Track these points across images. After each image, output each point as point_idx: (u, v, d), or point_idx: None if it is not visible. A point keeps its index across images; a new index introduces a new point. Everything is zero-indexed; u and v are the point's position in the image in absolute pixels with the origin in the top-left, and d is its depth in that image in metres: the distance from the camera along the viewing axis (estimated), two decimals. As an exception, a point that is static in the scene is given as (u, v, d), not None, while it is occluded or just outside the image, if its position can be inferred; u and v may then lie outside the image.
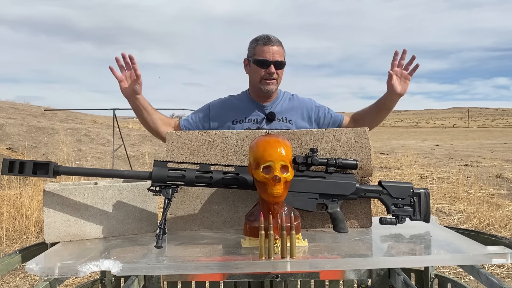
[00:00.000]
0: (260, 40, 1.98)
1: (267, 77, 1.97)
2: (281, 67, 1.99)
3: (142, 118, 1.97)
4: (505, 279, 3.61)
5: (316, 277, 1.66)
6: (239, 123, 2.04)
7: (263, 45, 1.96)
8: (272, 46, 1.96)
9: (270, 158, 1.20)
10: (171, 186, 1.33)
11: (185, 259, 1.21)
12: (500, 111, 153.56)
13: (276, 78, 1.99)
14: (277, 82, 2.01)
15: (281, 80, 2.05)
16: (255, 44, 1.99)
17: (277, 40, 1.99)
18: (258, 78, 1.99)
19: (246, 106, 2.07)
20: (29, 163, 1.32)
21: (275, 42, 1.97)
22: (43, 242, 1.45)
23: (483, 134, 33.56)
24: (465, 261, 1.25)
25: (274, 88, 2.01)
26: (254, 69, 2.00)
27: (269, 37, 1.97)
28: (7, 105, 17.53)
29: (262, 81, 1.98)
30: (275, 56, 1.95)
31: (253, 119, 2.04)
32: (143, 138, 14.10)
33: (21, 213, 5.05)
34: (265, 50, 1.95)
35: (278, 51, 1.97)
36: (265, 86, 1.99)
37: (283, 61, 1.99)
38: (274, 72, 1.96)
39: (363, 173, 1.56)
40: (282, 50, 2.00)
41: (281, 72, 2.02)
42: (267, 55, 1.95)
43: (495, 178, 8.94)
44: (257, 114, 2.05)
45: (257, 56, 1.97)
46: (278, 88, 2.11)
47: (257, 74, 1.99)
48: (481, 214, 5.54)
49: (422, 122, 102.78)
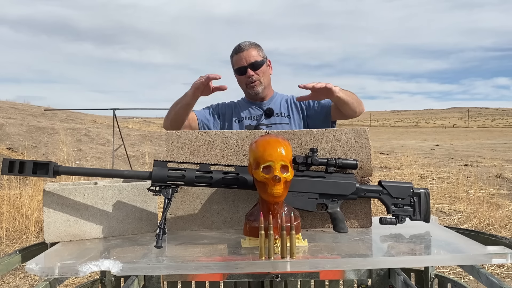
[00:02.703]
0: (233, 51, 2.08)
1: (248, 81, 2.06)
2: (258, 67, 2.04)
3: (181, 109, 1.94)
4: (505, 279, 3.61)
5: (316, 277, 1.66)
6: (239, 121, 2.13)
7: (236, 54, 2.06)
8: (242, 52, 2.04)
9: (270, 158, 1.20)
10: (171, 186, 1.33)
11: (185, 259, 1.21)
12: (500, 111, 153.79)
13: (257, 79, 2.06)
14: (261, 82, 2.07)
15: (267, 77, 2.11)
16: (231, 56, 2.10)
17: (248, 44, 2.06)
18: (243, 86, 2.11)
19: (245, 106, 2.17)
20: (29, 163, 1.33)
21: (245, 47, 2.04)
22: (43, 242, 1.45)
23: (483, 134, 33.54)
24: (465, 261, 1.25)
25: (260, 88, 2.08)
26: (238, 78, 2.12)
27: (239, 45, 2.06)
28: (7, 105, 17.53)
29: (248, 86, 2.08)
30: (249, 59, 2.03)
31: (253, 116, 2.13)
32: (143, 138, 14.10)
33: (21, 213, 5.05)
34: (238, 58, 2.05)
35: (251, 54, 2.03)
36: (251, 90, 2.08)
37: (258, 61, 2.04)
38: (252, 74, 2.04)
39: (363, 173, 1.56)
40: (255, 50, 2.05)
41: (261, 71, 2.07)
42: (241, 62, 2.04)
43: (495, 178, 8.93)
44: (256, 112, 2.14)
45: (234, 66, 2.09)
46: (274, 90, 2.18)
47: (241, 82, 2.11)
48: (481, 214, 5.54)
49: (422, 122, 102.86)
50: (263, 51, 2.09)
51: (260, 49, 2.08)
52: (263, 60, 2.07)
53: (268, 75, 2.13)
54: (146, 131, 16.90)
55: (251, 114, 2.14)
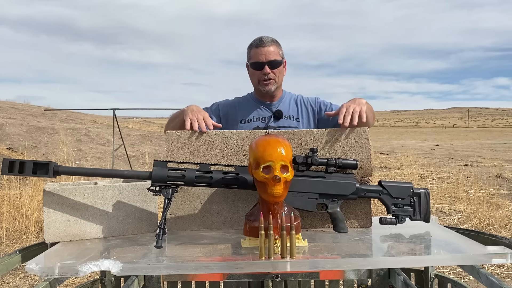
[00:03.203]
0: (253, 43, 2.01)
1: (264, 78, 2.00)
2: (276, 66, 1.99)
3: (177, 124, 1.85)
4: (505, 279, 3.61)
5: (316, 277, 1.66)
6: (247, 122, 2.07)
7: (256, 48, 1.99)
8: (264, 47, 1.98)
9: (270, 158, 1.20)
10: (171, 186, 1.33)
11: (185, 259, 1.21)
12: (500, 111, 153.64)
13: (273, 77, 2.00)
14: (275, 81, 2.01)
15: (281, 78, 2.06)
16: (249, 48, 2.03)
17: (270, 40, 2.00)
18: (256, 80, 2.03)
19: (253, 106, 2.10)
20: (29, 163, 1.33)
21: (267, 43, 1.98)
22: (43, 242, 1.45)
23: (483, 134, 33.56)
24: (465, 261, 1.25)
25: (273, 87, 2.02)
26: (251, 72, 2.04)
27: (261, 39, 1.99)
28: (7, 105, 17.53)
29: (260, 83, 2.01)
30: (269, 56, 1.97)
31: (261, 117, 2.07)
32: (143, 138, 14.10)
33: (21, 213, 5.05)
34: (258, 52, 1.98)
35: (272, 51, 1.98)
36: (263, 87, 2.01)
37: (277, 60, 1.99)
38: (269, 72, 1.98)
39: (363, 173, 1.56)
40: (276, 49, 2.00)
41: (278, 71, 2.02)
42: (260, 57, 1.98)
43: (495, 178, 8.94)
44: (264, 113, 2.08)
45: (252, 59, 2.01)
46: (283, 89, 2.13)
47: (254, 76, 2.03)
48: (481, 214, 5.54)
49: (422, 122, 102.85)
50: (282, 50, 2.04)
51: (280, 48, 2.03)
52: (282, 60, 2.02)
53: (282, 76, 2.07)
54: (146, 131, 16.90)
55: (259, 115, 2.07)
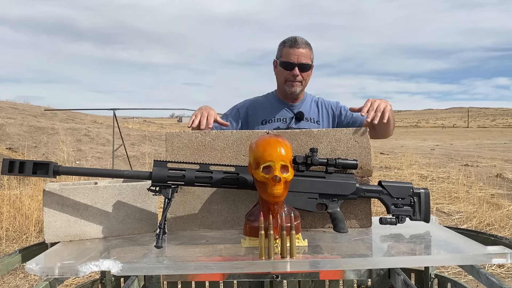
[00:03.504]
0: (287, 42, 1.99)
1: (291, 79, 1.99)
2: (306, 70, 1.99)
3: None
4: (505, 279, 3.61)
5: (316, 277, 1.66)
6: (268, 123, 2.06)
7: (289, 48, 1.97)
8: (298, 48, 1.96)
9: (270, 158, 1.20)
10: (171, 186, 1.33)
11: (185, 259, 1.21)
12: (500, 111, 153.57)
13: (300, 80, 1.99)
14: (301, 84, 2.01)
15: (307, 82, 2.05)
16: (282, 46, 2.01)
17: (305, 42, 1.98)
18: (283, 80, 2.02)
19: (274, 106, 2.09)
20: (29, 163, 1.32)
21: (301, 45, 1.96)
22: (43, 242, 1.45)
23: (483, 134, 33.56)
24: (465, 261, 1.25)
25: (298, 90, 2.01)
26: (279, 70, 2.03)
27: (296, 39, 1.98)
28: (7, 105, 17.54)
29: (287, 83, 2.01)
30: (300, 59, 1.96)
31: (282, 118, 2.06)
32: (143, 138, 14.11)
33: (21, 213, 5.05)
34: (290, 53, 1.97)
35: (304, 54, 1.97)
36: (289, 88, 2.01)
37: (309, 64, 1.99)
38: (298, 74, 1.97)
39: (363, 173, 1.56)
40: (309, 52, 1.99)
41: (307, 75, 2.01)
42: (292, 58, 1.96)
43: (495, 178, 8.94)
44: (286, 114, 2.07)
45: (283, 58, 1.99)
46: (305, 91, 2.12)
47: (282, 75, 2.02)
48: (481, 214, 5.54)
49: (422, 122, 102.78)
50: (313, 55, 2.03)
51: (312, 52, 2.02)
52: (311, 64, 2.02)
53: (308, 80, 2.06)
54: (146, 131, 16.91)
55: (280, 116, 2.06)
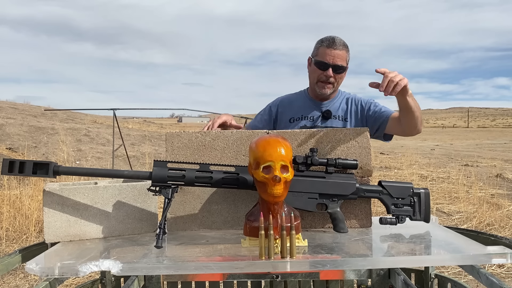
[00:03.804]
0: (324, 41, 1.96)
1: (324, 79, 1.97)
2: (340, 71, 1.96)
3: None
4: (505, 279, 3.61)
5: (316, 277, 1.66)
6: (295, 121, 2.06)
7: (326, 47, 1.94)
8: (335, 49, 1.93)
9: (270, 158, 1.20)
10: (171, 186, 1.33)
11: (185, 259, 1.20)
12: (500, 111, 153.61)
13: (332, 82, 1.97)
14: (333, 86, 1.99)
15: (339, 84, 2.03)
16: (319, 45, 1.98)
17: (343, 43, 1.95)
18: (315, 79, 2.00)
19: (303, 105, 2.09)
20: (29, 163, 1.32)
21: (339, 46, 1.94)
22: (43, 242, 1.45)
23: (483, 134, 33.56)
24: (465, 261, 1.25)
25: (329, 91, 1.99)
26: (313, 69, 2.00)
27: (334, 40, 1.95)
28: (7, 105, 17.54)
29: (318, 83, 1.99)
30: (336, 60, 1.93)
31: (309, 116, 2.06)
32: (143, 138, 14.11)
33: (21, 213, 5.05)
34: (326, 53, 1.94)
35: (340, 55, 1.94)
36: (320, 89, 1.99)
37: (343, 66, 1.96)
38: (331, 75, 1.95)
39: (363, 173, 1.56)
40: (345, 54, 1.96)
41: (340, 77, 1.99)
42: (327, 58, 1.93)
43: (495, 178, 8.94)
44: (314, 112, 2.06)
45: (318, 57, 1.97)
46: (339, 89, 2.09)
47: (315, 75, 2.00)
48: (481, 214, 5.54)
49: (422, 122, 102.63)
50: (349, 57, 2.00)
51: (349, 55, 1.99)
52: (346, 67, 1.99)
53: (341, 82, 2.04)
54: (146, 131, 16.91)
55: (308, 114, 2.06)
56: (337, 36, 1.97)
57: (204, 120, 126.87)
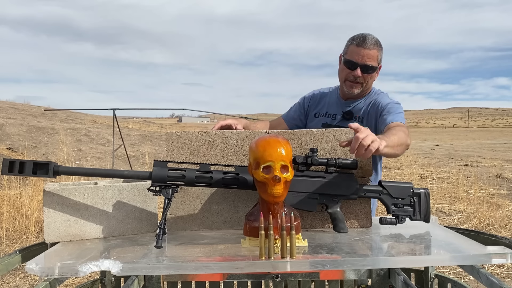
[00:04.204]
0: (355, 39, 1.91)
1: (352, 79, 1.92)
2: (369, 71, 1.91)
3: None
4: (505, 279, 3.60)
5: (316, 277, 1.66)
6: (319, 117, 2.07)
7: (356, 46, 1.89)
8: (365, 48, 1.87)
9: (270, 158, 1.20)
10: (171, 186, 1.33)
11: (185, 259, 1.21)
12: (500, 111, 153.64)
13: (361, 81, 1.92)
14: (361, 86, 1.94)
15: (370, 83, 1.98)
16: (350, 43, 1.93)
17: (374, 42, 1.89)
18: (343, 78, 1.96)
19: (330, 101, 2.08)
20: (29, 163, 1.32)
21: (370, 45, 1.87)
22: (43, 242, 1.45)
23: (483, 134, 33.59)
24: (465, 261, 1.25)
25: (356, 91, 1.95)
26: (342, 68, 1.96)
27: (365, 38, 1.88)
28: (7, 105, 17.54)
29: (346, 82, 1.95)
30: (365, 60, 1.87)
31: (333, 115, 2.05)
32: (143, 138, 14.11)
33: (21, 213, 5.05)
34: (356, 51, 1.88)
35: (371, 55, 1.88)
36: (348, 88, 1.95)
37: (373, 66, 1.89)
38: (359, 75, 1.90)
39: (363, 173, 1.56)
40: (376, 53, 1.90)
41: (369, 76, 1.93)
42: (356, 57, 1.88)
43: (495, 178, 8.94)
44: (338, 111, 2.04)
45: (347, 56, 1.92)
46: (373, 87, 2.04)
47: (343, 74, 1.96)
48: (481, 214, 5.54)
49: (422, 122, 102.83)
50: (381, 55, 1.93)
51: (381, 53, 1.92)
52: (377, 66, 1.92)
53: (372, 81, 1.98)
54: (146, 131, 16.91)
55: (332, 112, 2.04)
56: (370, 34, 1.90)
57: (204, 120, 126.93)
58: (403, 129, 1.65)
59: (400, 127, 1.66)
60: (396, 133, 1.57)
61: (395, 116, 1.81)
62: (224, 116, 16.74)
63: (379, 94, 2.02)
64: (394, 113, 1.83)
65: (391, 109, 1.88)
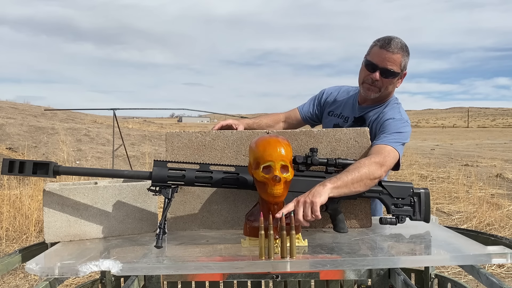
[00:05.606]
0: (380, 41, 1.82)
1: (369, 81, 1.83)
2: (388, 76, 1.80)
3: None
4: (505, 279, 3.60)
5: (316, 277, 1.66)
6: (333, 116, 2.04)
7: (379, 48, 1.80)
8: (388, 51, 1.77)
9: (270, 158, 1.20)
10: (171, 186, 1.33)
11: (185, 259, 1.21)
12: (500, 111, 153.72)
13: (379, 86, 1.82)
14: (379, 90, 1.84)
15: (390, 89, 1.87)
16: (374, 43, 1.85)
17: (399, 47, 1.78)
18: (361, 80, 1.88)
19: (347, 102, 2.02)
20: (29, 163, 1.32)
21: (394, 49, 1.77)
22: (43, 242, 1.45)
23: (483, 134, 33.60)
24: (465, 261, 1.25)
25: (373, 95, 1.86)
26: (362, 69, 1.88)
27: (390, 42, 1.78)
28: (7, 105, 17.54)
29: (364, 84, 1.86)
30: (386, 63, 1.78)
31: (346, 117, 1.99)
32: (143, 138, 14.11)
33: (21, 213, 5.05)
34: (378, 54, 1.79)
35: (393, 59, 1.77)
36: (364, 91, 1.87)
37: (394, 71, 1.78)
38: (377, 79, 1.80)
39: (363, 173, 1.56)
40: (400, 58, 1.79)
41: (389, 81, 1.82)
42: (377, 59, 1.79)
43: (495, 178, 8.93)
44: (351, 113, 1.98)
45: (369, 57, 1.84)
46: (394, 96, 1.95)
47: (361, 75, 1.88)
48: (481, 214, 5.54)
49: (422, 122, 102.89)
50: (406, 61, 1.83)
51: (406, 59, 1.81)
52: (399, 73, 1.81)
53: (393, 88, 1.88)
54: (146, 131, 16.91)
55: (345, 114, 1.99)
56: (396, 37, 1.80)
57: (204, 120, 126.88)
58: (374, 159, 1.50)
59: (369, 158, 1.50)
60: (356, 169, 1.43)
61: (385, 137, 1.67)
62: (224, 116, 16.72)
63: (393, 105, 1.91)
64: (386, 133, 1.71)
65: (387, 127, 1.76)
